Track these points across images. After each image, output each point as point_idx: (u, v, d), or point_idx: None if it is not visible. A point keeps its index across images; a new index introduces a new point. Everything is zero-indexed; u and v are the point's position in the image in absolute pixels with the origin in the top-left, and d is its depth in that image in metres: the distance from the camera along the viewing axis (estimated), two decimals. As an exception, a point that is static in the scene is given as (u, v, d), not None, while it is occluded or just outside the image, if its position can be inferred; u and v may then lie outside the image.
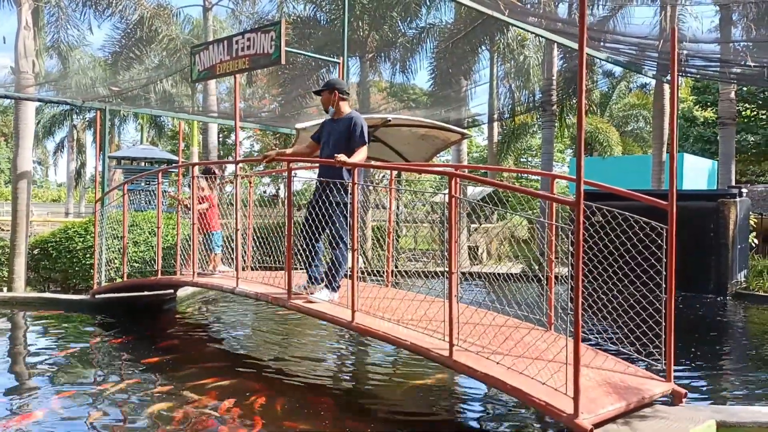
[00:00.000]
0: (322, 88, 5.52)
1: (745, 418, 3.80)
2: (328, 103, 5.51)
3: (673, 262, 4.00)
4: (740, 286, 9.87)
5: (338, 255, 5.29)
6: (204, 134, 19.48)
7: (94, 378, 5.38)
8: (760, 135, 27.80)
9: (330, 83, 5.56)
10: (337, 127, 5.45)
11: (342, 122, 5.43)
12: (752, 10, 12.86)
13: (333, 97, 5.47)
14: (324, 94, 5.49)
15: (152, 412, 4.38)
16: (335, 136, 5.42)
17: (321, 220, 5.29)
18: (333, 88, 5.49)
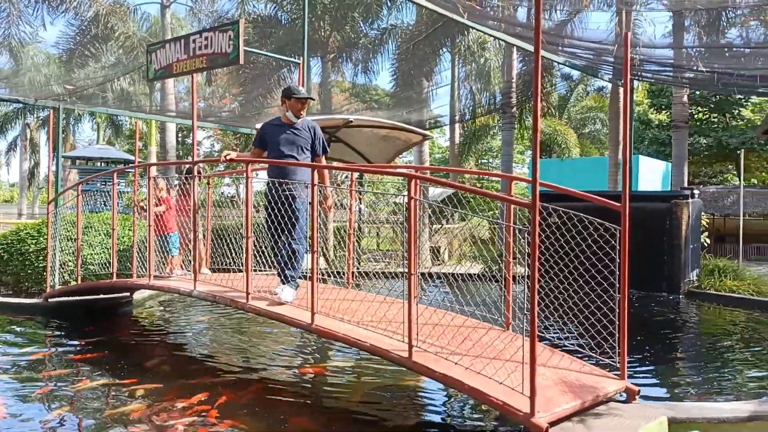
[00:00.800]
0: (312, 98, 5.80)
1: (696, 414, 3.91)
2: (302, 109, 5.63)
3: (626, 263, 4.08)
4: (692, 285, 10.16)
5: (297, 249, 5.37)
6: (162, 134, 19.14)
7: (46, 382, 5.22)
8: (712, 138, 28.68)
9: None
10: (297, 133, 5.55)
11: (303, 130, 5.58)
12: (703, 17, 13.27)
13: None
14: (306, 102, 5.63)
15: (108, 414, 4.30)
16: (298, 142, 5.54)
17: (292, 220, 5.35)
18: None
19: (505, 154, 16.92)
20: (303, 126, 5.61)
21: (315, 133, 5.63)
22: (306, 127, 5.63)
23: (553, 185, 5.00)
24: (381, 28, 20.38)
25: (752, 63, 11.43)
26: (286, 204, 5.28)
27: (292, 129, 5.55)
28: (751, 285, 10.07)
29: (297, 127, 5.57)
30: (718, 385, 5.36)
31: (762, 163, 32.94)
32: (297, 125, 5.57)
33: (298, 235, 5.35)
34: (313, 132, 5.63)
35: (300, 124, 5.59)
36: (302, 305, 4.95)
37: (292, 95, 5.54)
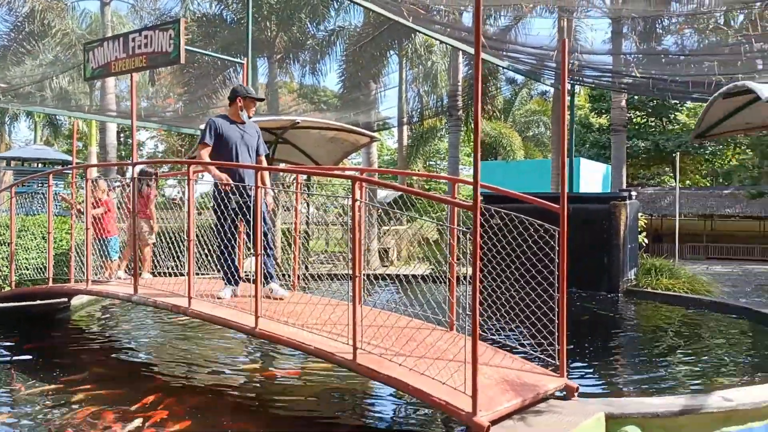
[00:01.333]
0: (262, 99, 6.03)
1: (631, 410, 4.03)
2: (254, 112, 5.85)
3: (565, 263, 4.19)
4: (631, 284, 10.50)
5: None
6: (102, 134, 18.59)
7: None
8: (650, 141, 29.77)
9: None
10: (248, 132, 5.73)
11: (251, 128, 5.78)
12: (640, 24, 13.77)
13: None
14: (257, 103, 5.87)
15: (46, 422, 4.14)
16: (251, 143, 5.72)
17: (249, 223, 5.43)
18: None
19: (452, 157, 17.15)
20: (250, 125, 5.80)
21: (259, 133, 5.85)
22: (252, 126, 5.81)
23: (495, 187, 5.09)
24: (329, 30, 20.37)
25: (686, 69, 11.93)
26: (245, 208, 5.27)
27: (244, 128, 5.69)
28: (686, 283, 10.49)
29: (246, 125, 5.73)
30: (654, 380, 5.54)
31: (696, 165, 34.42)
32: (246, 124, 5.73)
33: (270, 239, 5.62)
34: (258, 132, 5.85)
35: (247, 123, 5.76)
36: (246, 309, 4.89)
37: (247, 95, 5.70)
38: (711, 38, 14.79)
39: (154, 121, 15.86)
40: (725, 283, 17.62)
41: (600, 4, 12.23)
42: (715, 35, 14.85)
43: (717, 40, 14.42)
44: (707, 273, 18.30)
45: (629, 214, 10.42)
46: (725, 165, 34.79)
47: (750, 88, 6.10)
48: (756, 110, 7.42)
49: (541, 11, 13.15)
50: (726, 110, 7.53)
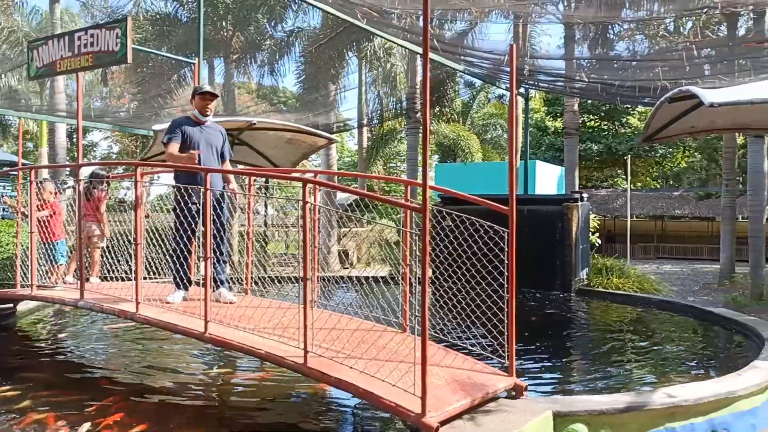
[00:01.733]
0: (216, 95, 5.83)
1: (579, 407, 4.11)
2: (213, 110, 5.78)
3: (514, 263, 4.24)
4: (583, 284, 10.72)
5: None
6: (52, 134, 18.07)
7: None
8: (603, 144, 30.47)
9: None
10: (211, 133, 5.69)
11: (215, 130, 5.76)
12: (592, 30, 14.08)
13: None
14: (215, 101, 5.79)
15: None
16: (214, 143, 5.69)
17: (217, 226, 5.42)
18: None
19: (411, 159, 17.23)
20: (213, 126, 5.75)
21: (224, 136, 5.82)
22: (217, 128, 5.79)
23: (446, 189, 5.13)
24: (287, 30, 20.25)
25: (636, 75, 12.24)
26: (214, 211, 5.19)
27: (205, 128, 5.67)
28: (635, 282, 10.79)
29: (209, 126, 5.70)
30: (604, 379, 5.66)
31: (647, 168, 35.39)
32: (208, 125, 5.69)
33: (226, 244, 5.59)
34: (224, 135, 5.82)
35: (210, 124, 5.72)
36: (196, 313, 4.81)
37: (195, 93, 5.67)
38: (661, 44, 15.25)
39: (106, 122, 15.46)
40: (674, 282, 18.18)
41: (553, 10, 12.47)
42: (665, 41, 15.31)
43: (666, 46, 14.88)
44: (657, 272, 18.86)
45: (581, 216, 10.64)
46: (675, 167, 35.90)
47: (694, 93, 6.28)
48: (700, 114, 7.65)
49: (496, 17, 13.35)
50: (672, 114, 7.73)
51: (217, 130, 5.77)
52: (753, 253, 13.71)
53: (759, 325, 6.92)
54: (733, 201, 16.72)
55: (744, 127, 9.36)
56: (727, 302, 12.31)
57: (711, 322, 7.96)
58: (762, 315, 9.78)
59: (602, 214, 26.57)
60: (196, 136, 5.56)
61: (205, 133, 5.63)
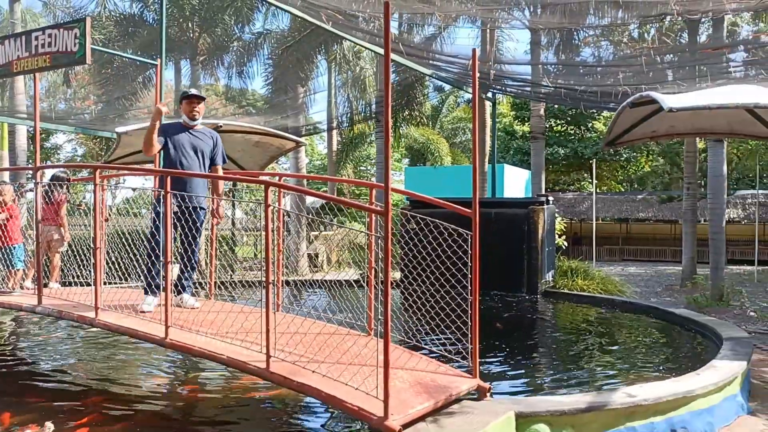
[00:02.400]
0: (204, 98, 5.68)
1: (540, 408, 4.15)
2: (201, 113, 5.57)
3: (477, 266, 4.27)
4: (549, 285, 10.85)
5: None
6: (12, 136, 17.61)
7: None
8: (569, 148, 30.92)
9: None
10: (200, 138, 5.51)
11: (205, 135, 5.57)
12: (557, 36, 14.30)
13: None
14: (202, 103, 5.58)
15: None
16: (202, 149, 5.49)
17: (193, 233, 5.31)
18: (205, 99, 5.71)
19: (380, 162, 17.23)
20: (204, 131, 5.59)
21: (216, 142, 5.61)
22: (208, 133, 5.62)
23: (408, 191, 5.14)
24: (255, 32, 20.12)
25: (600, 80, 12.46)
26: (189, 216, 5.06)
27: (194, 133, 5.49)
28: (599, 284, 10.95)
29: (199, 131, 5.53)
30: (568, 379, 5.73)
31: (612, 171, 36.03)
32: (198, 129, 5.53)
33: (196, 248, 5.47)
34: (215, 140, 5.61)
35: (201, 129, 5.56)
36: (157, 318, 4.73)
37: (182, 98, 5.55)
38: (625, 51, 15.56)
39: (69, 124, 15.14)
40: (638, 284, 18.51)
41: (519, 15, 12.62)
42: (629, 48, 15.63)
43: (630, 52, 15.18)
44: (622, 274, 19.19)
45: (547, 218, 10.77)
46: (639, 171, 36.62)
47: (654, 98, 6.42)
48: (660, 119, 7.83)
49: (463, 21, 13.45)
50: (634, 119, 7.90)
51: (207, 135, 5.58)
52: (713, 255, 14.04)
53: (718, 325, 7.08)
54: (694, 204, 17.11)
55: (703, 132, 9.61)
56: (689, 303, 12.58)
57: (672, 323, 8.13)
58: (721, 315, 10.04)
59: (569, 217, 26.94)
60: (182, 140, 5.39)
61: (192, 138, 5.45)
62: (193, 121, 5.48)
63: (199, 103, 5.50)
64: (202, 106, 5.54)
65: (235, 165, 11.22)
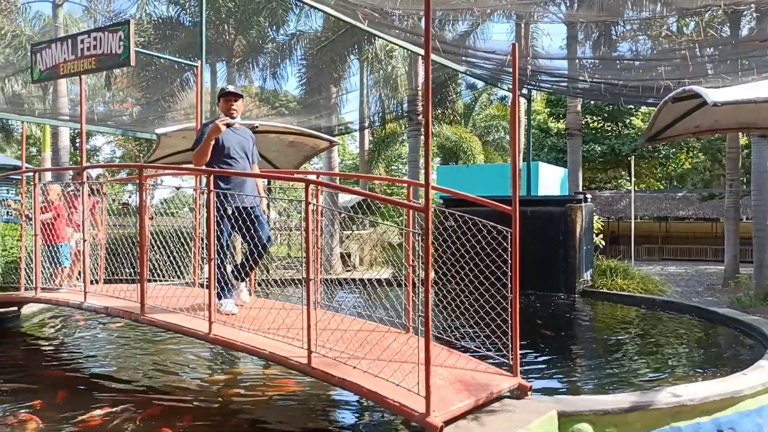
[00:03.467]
0: (241, 95, 5.44)
1: (583, 407, 4.10)
2: (239, 111, 5.40)
3: (517, 263, 4.23)
4: (587, 285, 10.70)
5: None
6: (55, 138, 18.15)
7: None
8: (606, 145, 30.43)
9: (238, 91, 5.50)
10: (243, 136, 5.39)
11: (245, 134, 5.44)
12: (595, 31, 14.08)
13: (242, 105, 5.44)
14: (240, 100, 5.39)
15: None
16: (246, 146, 5.38)
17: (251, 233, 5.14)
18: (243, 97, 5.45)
19: (412, 161, 17.23)
20: (243, 129, 5.47)
21: (253, 139, 5.54)
22: (246, 131, 5.52)
23: (447, 189, 5.13)
24: (288, 34, 20.30)
25: (639, 75, 12.24)
26: (244, 215, 4.98)
27: (236, 131, 5.36)
28: (640, 283, 10.76)
29: (239, 129, 5.42)
30: (608, 378, 5.65)
31: (651, 169, 35.34)
32: (237, 127, 5.40)
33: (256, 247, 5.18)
34: (252, 138, 5.52)
35: (240, 127, 5.44)
36: (200, 315, 4.81)
37: (219, 96, 5.40)
38: (664, 44, 15.24)
39: (110, 126, 15.51)
40: (679, 283, 18.14)
41: (555, 10, 12.47)
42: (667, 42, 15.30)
43: (669, 46, 14.86)
44: (661, 273, 18.81)
45: (584, 217, 10.62)
46: (678, 168, 35.82)
47: (697, 92, 6.27)
48: (704, 114, 7.63)
49: (498, 17, 13.35)
50: (675, 114, 7.71)
51: (247, 133, 5.47)
52: (757, 253, 13.68)
53: (763, 324, 6.90)
54: (736, 201, 16.68)
55: (747, 127, 9.33)
56: (732, 303, 12.28)
57: (715, 323, 7.94)
58: (767, 315, 9.76)
59: (606, 215, 26.55)
60: (229, 137, 5.25)
61: (238, 136, 5.32)
62: (232, 119, 5.31)
63: (236, 101, 5.33)
64: (240, 104, 5.38)
65: (269, 165, 11.34)
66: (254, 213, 5.10)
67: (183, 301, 5.16)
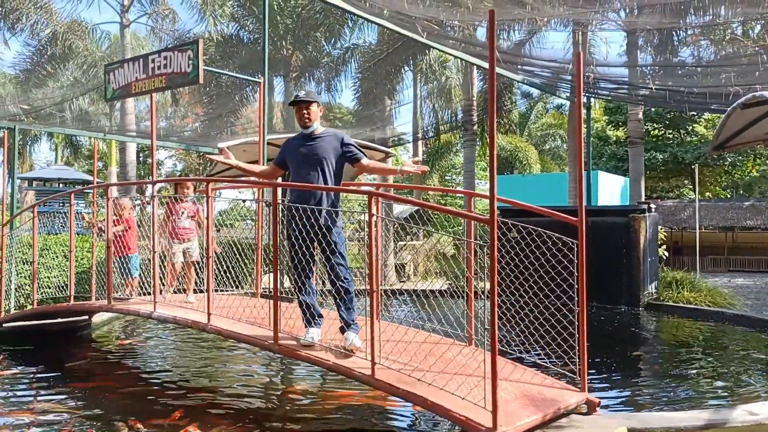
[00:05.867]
0: (313, 100, 4.87)
1: (654, 424, 3.98)
2: (314, 118, 4.84)
3: (584, 276, 4.16)
4: (651, 297, 10.37)
5: (346, 287, 4.62)
6: (122, 153, 18.89)
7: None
8: (668, 153, 29.51)
9: (314, 94, 5.01)
10: (316, 146, 4.78)
11: (325, 139, 4.81)
12: (655, 36, 13.73)
13: (319, 110, 4.89)
14: (312, 106, 4.82)
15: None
16: (318, 157, 4.75)
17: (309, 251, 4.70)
18: (316, 100, 4.89)
19: (467, 171, 17.12)
20: (324, 135, 4.84)
21: (343, 141, 4.83)
22: (331, 135, 4.87)
23: (511, 200, 5.08)
24: (343, 48, 20.57)
25: (702, 81, 11.85)
26: (312, 233, 4.57)
27: (308, 141, 4.81)
28: (708, 296, 10.35)
29: (315, 137, 4.81)
30: (677, 394, 5.47)
31: (716, 177, 34.03)
32: (315, 135, 4.82)
33: (345, 274, 4.62)
34: (340, 140, 4.83)
35: (319, 133, 4.83)
36: (264, 324, 4.91)
37: (290, 103, 4.96)
38: (728, 49, 14.71)
39: (172, 141, 16.07)
40: (748, 296, 17.32)
41: (614, 17, 12.23)
42: (731, 46, 14.77)
43: (734, 50, 14.33)
44: (729, 286, 18.03)
45: (648, 227, 10.33)
46: (746, 176, 34.36)
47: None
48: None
49: (555, 25, 13.19)
50: (745, 121, 7.46)
51: (331, 138, 4.82)
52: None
53: None
54: (810, 210, 15.86)
55: (823, 133, 8.92)
56: (808, 317, 11.65)
57: (792, 338, 7.58)
58: None
59: (668, 225, 25.66)
60: (293, 154, 4.84)
61: (308, 147, 4.78)
62: (305, 128, 4.82)
63: (306, 107, 4.79)
64: (313, 110, 4.80)
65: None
66: (329, 233, 4.63)
67: (247, 312, 5.28)
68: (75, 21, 18.64)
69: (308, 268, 4.73)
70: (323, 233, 4.58)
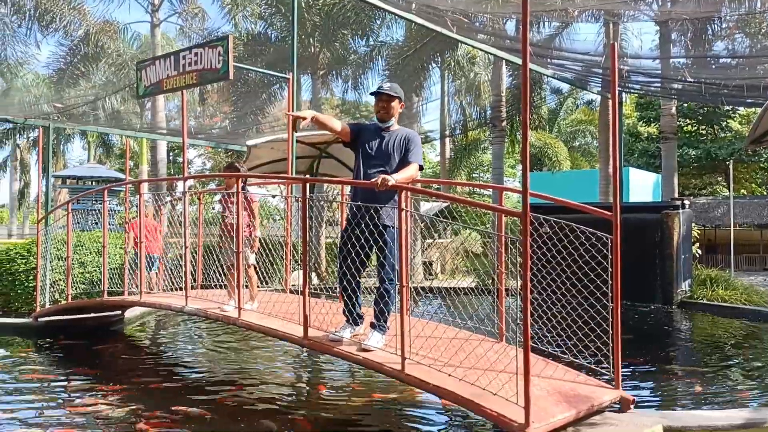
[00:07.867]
0: (396, 95, 4.74)
1: (690, 422, 3.89)
2: (394, 113, 4.75)
3: (618, 271, 4.08)
4: (685, 295, 10.17)
5: (390, 289, 4.54)
6: (153, 151, 19.15)
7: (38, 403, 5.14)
8: (701, 149, 28.92)
9: (398, 89, 4.84)
10: (389, 140, 4.68)
11: (397, 136, 4.70)
12: (689, 29, 13.44)
13: (400, 107, 4.80)
14: (395, 101, 4.72)
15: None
16: (390, 149, 4.65)
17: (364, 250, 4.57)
18: (400, 96, 4.79)
19: (496, 168, 16.95)
20: (397, 132, 4.73)
21: (409, 141, 4.68)
22: (402, 134, 4.74)
23: (544, 195, 5.01)
24: (370, 45, 20.56)
25: (738, 74, 11.57)
26: (367, 233, 4.45)
27: (382, 134, 4.71)
28: (743, 294, 10.11)
29: (389, 132, 4.72)
30: (712, 393, 5.34)
31: (751, 173, 33.26)
32: (390, 130, 4.72)
33: (389, 274, 4.51)
34: (407, 140, 4.68)
35: (393, 129, 4.73)
36: (294, 320, 4.92)
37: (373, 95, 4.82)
38: (764, 42, 14.34)
39: (201, 139, 16.25)
40: (786, 295, 16.91)
41: (646, 9, 11.99)
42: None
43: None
44: (765, 284, 17.61)
45: (682, 224, 10.12)
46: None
47: (810, 89, 5.86)
48: (816, 113, 7.14)
49: (586, 17, 12.98)
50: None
51: (401, 137, 4.70)
52: None
53: None
54: None
55: None
56: None
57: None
58: None
59: (701, 223, 25.15)
60: (366, 141, 4.71)
61: (379, 141, 4.68)
62: (382, 122, 4.71)
63: (388, 101, 4.66)
64: (393, 105, 4.69)
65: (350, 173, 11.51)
66: (386, 232, 4.50)
67: (278, 307, 5.30)
68: (107, 21, 18.95)
69: (362, 268, 4.65)
70: (379, 231, 4.45)
